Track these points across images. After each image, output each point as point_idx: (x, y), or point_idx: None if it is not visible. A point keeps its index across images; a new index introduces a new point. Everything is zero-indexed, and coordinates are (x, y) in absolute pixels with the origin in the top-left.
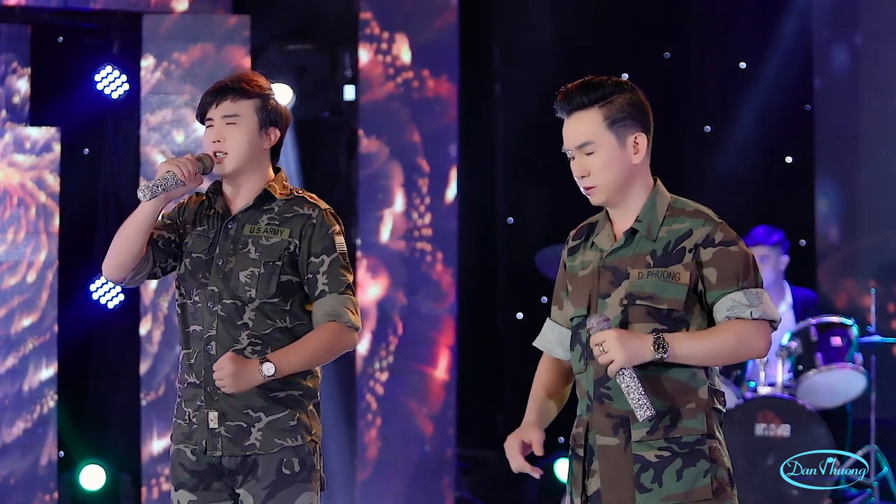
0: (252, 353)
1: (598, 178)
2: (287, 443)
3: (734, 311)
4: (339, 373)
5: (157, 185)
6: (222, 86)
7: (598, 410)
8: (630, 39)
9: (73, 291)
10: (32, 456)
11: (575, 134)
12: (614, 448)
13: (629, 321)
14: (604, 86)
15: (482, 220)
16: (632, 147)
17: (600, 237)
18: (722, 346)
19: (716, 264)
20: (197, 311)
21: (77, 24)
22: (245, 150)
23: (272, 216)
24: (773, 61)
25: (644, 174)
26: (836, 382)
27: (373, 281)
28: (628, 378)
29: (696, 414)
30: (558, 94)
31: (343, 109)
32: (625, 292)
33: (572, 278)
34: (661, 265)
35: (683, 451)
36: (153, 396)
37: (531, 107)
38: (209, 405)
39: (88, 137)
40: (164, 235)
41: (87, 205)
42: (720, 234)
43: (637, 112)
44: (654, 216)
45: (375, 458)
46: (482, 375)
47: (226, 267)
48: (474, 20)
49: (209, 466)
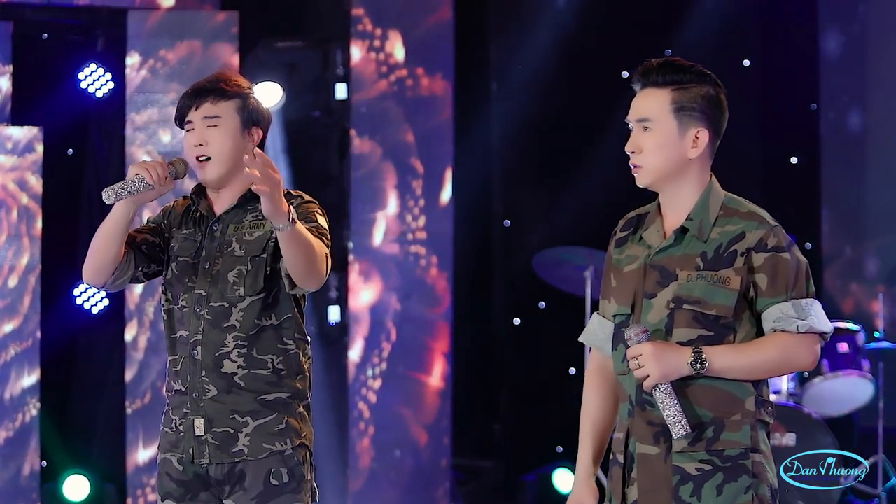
0: (238, 357)
1: (646, 158)
2: (276, 447)
3: (780, 324)
4: (330, 380)
5: (123, 188)
6: (201, 87)
7: (639, 417)
8: (630, 35)
9: (56, 296)
10: (14, 466)
11: (639, 108)
12: (654, 457)
13: (674, 325)
14: (685, 71)
15: (478, 222)
16: (691, 140)
17: (649, 232)
18: (765, 360)
19: (767, 271)
20: (184, 315)
21: (60, 20)
22: (229, 152)
23: (256, 213)
24: (778, 59)
25: (700, 171)
26: (842, 390)
27: (365, 285)
28: (664, 394)
29: (740, 426)
30: (640, 65)
31: (334, 108)
32: (672, 294)
33: (617, 272)
34: (710, 268)
35: (725, 466)
36: (139, 405)
37: (529, 105)
38: (195, 412)
39: (72, 137)
40: (147, 239)
41: (70, 207)
42: (774, 238)
43: (709, 108)
44: (707, 215)
45: (368, 467)
46: (478, 383)
47: (213, 270)
48: (470, 16)
49: (196, 476)
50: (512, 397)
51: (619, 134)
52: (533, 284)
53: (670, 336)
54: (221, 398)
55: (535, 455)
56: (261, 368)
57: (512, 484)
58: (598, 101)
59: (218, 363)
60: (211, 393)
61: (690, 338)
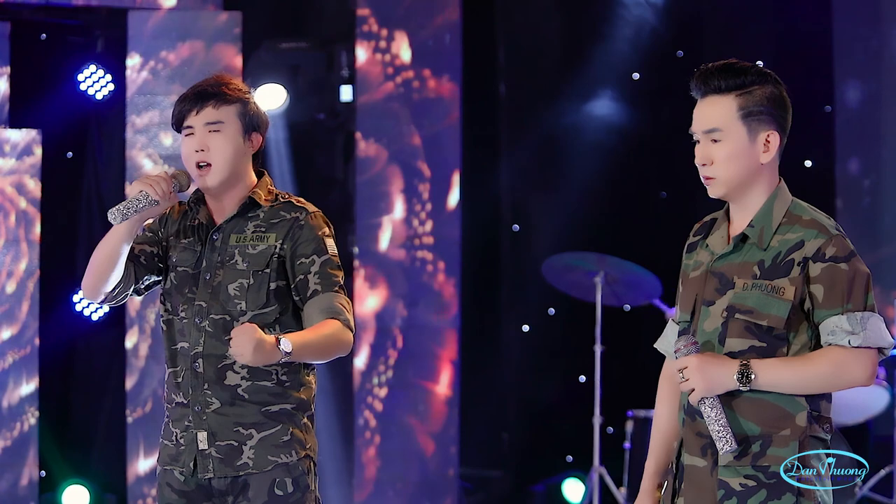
0: (241, 368)
1: (719, 170)
2: (281, 459)
3: (834, 338)
4: (335, 388)
5: (129, 207)
6: (202, 90)
7: (689, 427)
8: (641, 36)
9: (54, 302)
10: (12, 475)
11: (705, 118)
12: (702, 470)
13: (727, 335)
14: (746, 73)
15: (486, 227)
16: (762, 144)
17: (714, 238)
18: (816, 375)
19: (823, 281)
20: (184, 327)
21: (59, 20)
22: (231, 159)
23: (258, 223)
24: (792, 60)
25: (770, 174)
26: (857, 398)
27: (371, 291)
28: (709, 408)
29: (788, 442)
30: (696, 72)
31: (339, 111)
32: (727, 303)
33: (685, 278)
34: (766, 277)
35: (770, 482)
36: (139, 413)
37: (538, 108)
38: (197, 425)
39: (71, 140)
40: (145, 250)
41: (69, 211)
42: (832, 248)
43: (776, 108)
44: (769, 222)
45: (374, 477)
46: (486, 391)
47: (213, 281)
48: (478, 17)
49: (198, 487)
50: (521, 406)
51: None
52: (542, 290)
53: (723, 345)
54: (225, 410)
55: (544, 465)
56: (265, 380)
57: (521, 495)
58: (608, 105)
59: (221, 375)
60: (214, 405)
61: (742, 348)
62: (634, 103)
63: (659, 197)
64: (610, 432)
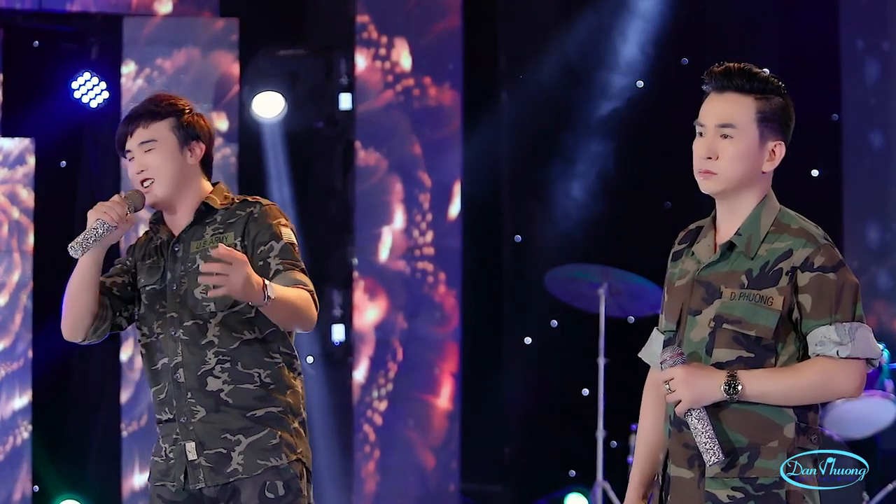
0: (221, 372)
1: (723, 166)
2: (270, 463)
3: (822, 349)
4: (334, 401)
5: (89, 237)
6: (132, 113)
7: (675, 438)
8: (646, 44)
9: (48, 314)
10: (5, 490)
11: (722, 112)
12: (688, 482)
13: (714, 345)
14: (767, 80)
15: (488, 237)
16: (769, 153)
17: (700, 246)
18: (804, 386)
19: (811, 291)
20: (160, 342)
21: (52, 27)
22: (171, 172)
23: (216, 226)
24: (799, 68)
25: (765, 184)
26: (864, 411)
27: (371, 303)
28: (696, 420)
29: (776, 454)
30: (717, 65)
31: (338, 119)
32: (714, 312)
33: (670, 287)
34: (754, 287)
35: (758, 494)
36: (135, 427)
37: (540, 116)
38: (185, 436)
39: (65, 149)
40: (117, 281)
41: (63, 221)
42: (821, 257)
43: (788, 120)
44: (757, 230)
45: (373, 492)
46: (488, 404)
47: (180, 290)
48: (479, 24)
49: (189, 496)
50: (523, 419)
51: (633, 145)
52: (544, 302)
53: (710, 356)
54: (210, 418)
55: (546, 479)
56: (247, 383)
57: None
58: (611, 112)
59: (202, 382)
60: (199, 414)
61: (730, 358)
62: (639, 111)
63: (663, 207)
64: (614, 446)
